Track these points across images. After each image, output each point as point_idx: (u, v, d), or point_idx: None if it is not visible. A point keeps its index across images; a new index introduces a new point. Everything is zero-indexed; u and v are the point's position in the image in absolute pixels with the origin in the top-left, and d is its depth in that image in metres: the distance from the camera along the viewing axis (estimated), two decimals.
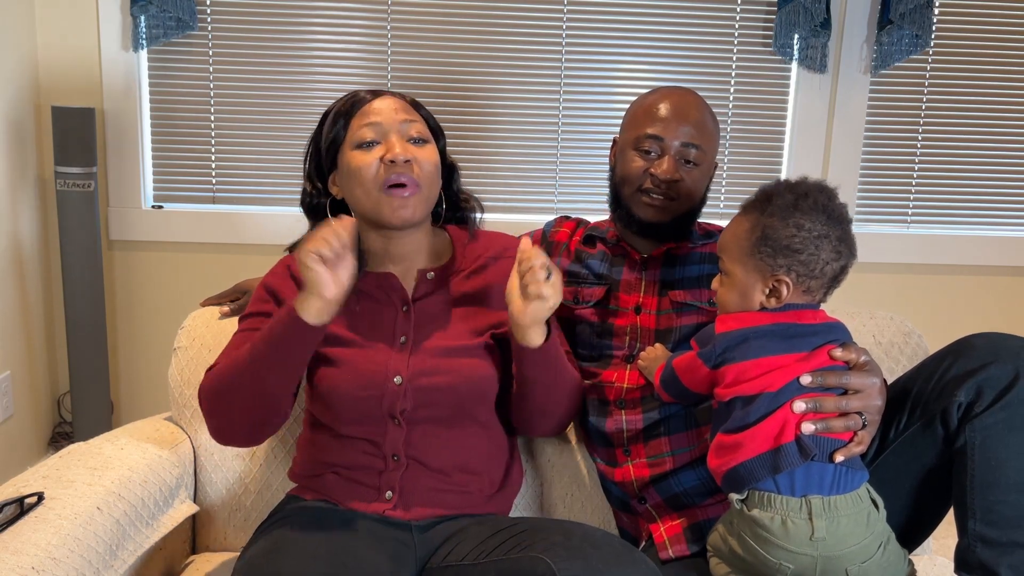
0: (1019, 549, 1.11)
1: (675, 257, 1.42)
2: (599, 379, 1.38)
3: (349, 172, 1.26)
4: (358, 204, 1.27)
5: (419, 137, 1.27)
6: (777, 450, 1.10)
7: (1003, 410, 1.12)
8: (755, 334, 1.15)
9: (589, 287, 1.44)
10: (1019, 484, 1.11)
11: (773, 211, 1.15)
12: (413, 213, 1.25)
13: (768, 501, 1.10)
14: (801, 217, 1.13)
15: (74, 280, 2.34)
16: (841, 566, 1.09)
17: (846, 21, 2.56)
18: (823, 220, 1.13)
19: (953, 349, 1.19)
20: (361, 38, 2.50)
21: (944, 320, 2.72)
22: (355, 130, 1.26)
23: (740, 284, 1.18)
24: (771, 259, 1.14)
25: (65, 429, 2.56)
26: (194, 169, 2.55)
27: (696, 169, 1.38)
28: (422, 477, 1.25)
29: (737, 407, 1.14)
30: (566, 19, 2.53)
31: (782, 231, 1.13)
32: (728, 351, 1.15)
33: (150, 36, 2.40)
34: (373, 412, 1.24)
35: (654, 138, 1.37)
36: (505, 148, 2.56)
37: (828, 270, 1.15)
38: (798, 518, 1.09)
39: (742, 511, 1.12)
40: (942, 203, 2.71)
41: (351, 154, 1.26)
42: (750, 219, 1.17)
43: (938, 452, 1.19)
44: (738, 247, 1.18)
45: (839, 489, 1.10)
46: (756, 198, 1.19)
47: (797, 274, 1.14)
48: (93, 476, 1.26)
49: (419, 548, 1.22)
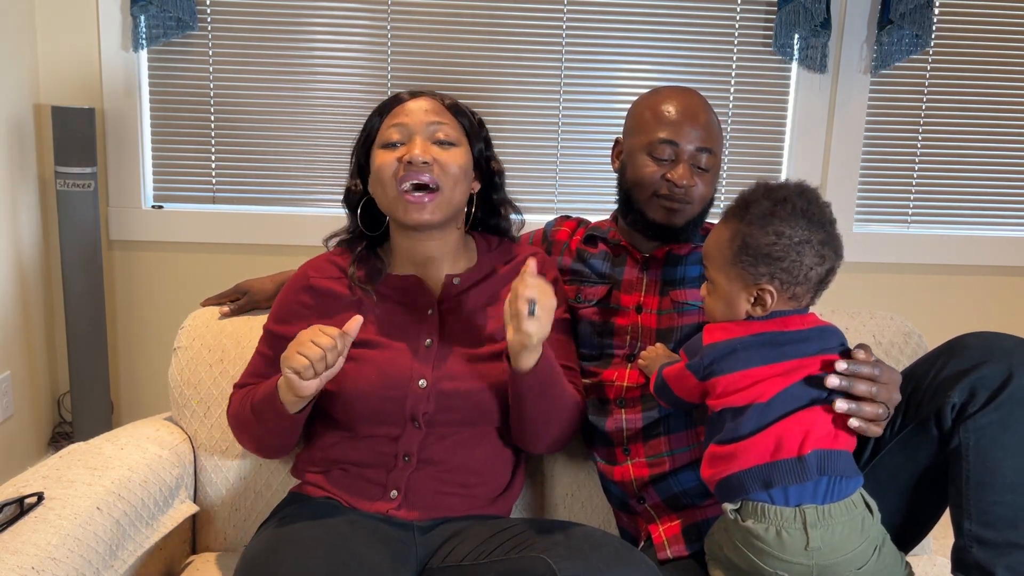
0: (1015, 549, 1.10)
1: (677, 257, 1.42)
2: (599, 378, 1.39)
3: (373, 170, 1.28)
4: (381, 203, 1.29)
5: (446, 140, 1.27)
6: (772, 464, 1.08)
7: (997, 410, 1.11)
8: (742, 345, 1.13)
9: (591, 286, 1.44)
10: (1014, 484, 1.11)
11: (751, 219, 1.12)
12: (432, 216, 1.24)
13: (762, 512, 1.08)
14: (780, 224, 1.10)
15: (74, 280, 2.34)
16: (838, 573, 1.08)
17: (846, 21, 2.56)
18: (803, 225, 1.10)
19: (946, 349, 1.19)
20: (361, 38, 2.50)
21: (944, 320, 2.72)
22: (384, 129, 1.28)
23: (724, 293, 1.16)
24: (753, 268, 1.12)
25: (65, 429, 2.56)
26: (194, 169, 2.55)
27: (708, 174, 1.38)
28: (429, 478, 1.25)
29: (728, 418, 1.12)
30: (566, 19, 2.53)
31: (761, 239, 1.11)
32: (715, 363, 1.13)
33: (150, 36, 2.40)
34: (395, 414, 1.24)
35: (668, 143, 1.36)
36: (505, 148, 2.56)
37: (813, 275, 1.12)
38: (792, 528, 1.07)
39: (736, 521, 1.10)
40: (942, 203, 2.71)
41: (376, 152, 1.28)
42: (730, 227, 1.15)
43: (933, 453, 1.19)
44: (720, 256, 1.15)
45: (833, 497, 1.08)
46: (735, 205, 1.17)
47: (781, 281, 1.12)
48: (93, 476, 1.26)
49: (420, 548, 1.22)
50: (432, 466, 1.25)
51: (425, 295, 1.30)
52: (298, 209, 2.57)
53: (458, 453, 1.26)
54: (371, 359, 1.25)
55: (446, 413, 1.25)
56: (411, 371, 1.24)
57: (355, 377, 1.24)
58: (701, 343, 1.16)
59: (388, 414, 1.24)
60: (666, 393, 1.23)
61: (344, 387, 1.24)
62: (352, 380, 1.24)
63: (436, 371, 1.25)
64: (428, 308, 1.30)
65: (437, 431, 1.25)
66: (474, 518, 1.26)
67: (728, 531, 1.13)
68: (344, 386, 1.24)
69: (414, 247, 1.31)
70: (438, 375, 1.25)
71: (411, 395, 1.23)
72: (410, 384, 1.24)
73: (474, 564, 1.13)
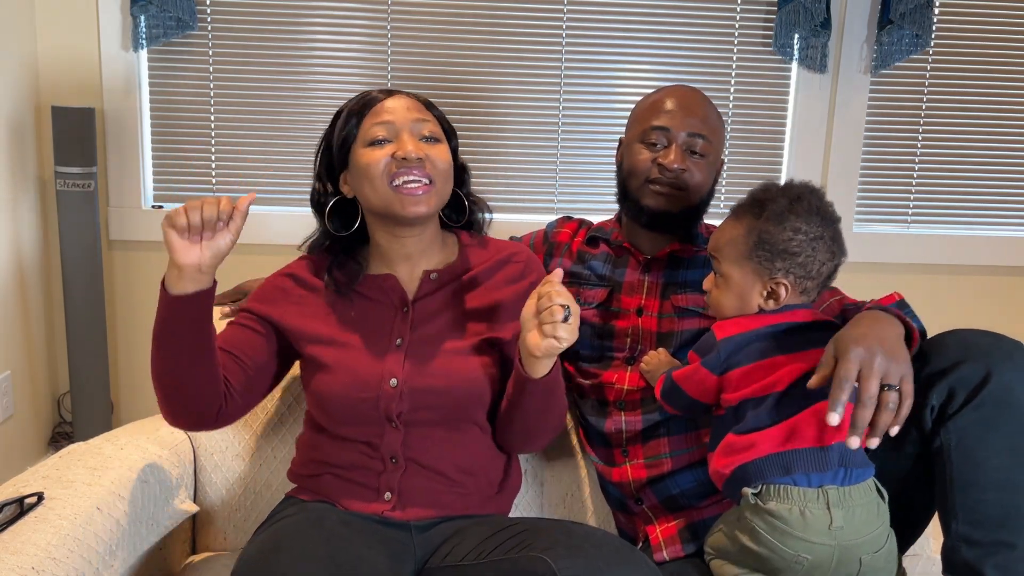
0: (1003, 548, 1.10)
1: (679, 260, 1.42)
2: (599, 380, 1.38)
3: (360, 169, 1.26)
4: (368, 201, 1.27)
5: (432, 136, 1.27)
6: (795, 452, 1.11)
7: (976, 410, 1.11)
8: (758, 336, 1.16)
9: (591, 288, 1.44)
10: (999, 482, 1.11)
11: (769, 215, 1.16)
12: (427, 208, 1.24)
13: (785, 493, 1.10)
14: (797, 220, 1.15)
15: (74, 280, 2.34)
16: (856, 555, 1.10)
17: (846, 21, 2.56)
18: (817, 222, 1.15)
19: (924, 349, 1.18)
20: (361, 38, 2.50)
21: (944, 320, 2.70)
22: (367, 128, 1.27)
23: (737, 287, 1.19)
24: (769, 263, 1.15)
25: (65, 429, 2.56)
26: (194, 169, 2.55)
27: (703, 160, 1.37)
28: (420, 478, 1.25)
29: (749, 408, 1.15)
30: (566, 19, 2.53)
31: (779, 235, 1.15)
32: (732, 355, 1.16)
33: (150, 36, 2.40)
34: (369, 415, 1.24)
35: (661, 129, 1.36)
36: (505, 148, 2.56)
37: (824, 270, 1.17)
38: (816, 508, 1.09)
39: (756, 505, 1.11)
40: (942, 203, 2.71)
41: (362, 152, 1.26)
42: (744, 223, 1.18)
43: (917, 454, 1.19)
44: (734, 250, 1.18)
45: (851, 480, 1.11)
46: (749, 203, 1.20)
47: (795, 276, 1.16)
48: (93, 476, 1.26)
49: (418, 548, 1.22)
50: (420, 466, 1.25)
51: (399, 293, 1.30)
52: (298, 209, 2.57)
53: (445, 453, 1.26)
54: (342, 361, 1.25)
55: (422, 412, 1.24)
56: (381, 371, 1.24)
57: (329, 380, 1.24)
58: (713, 341, 1.19)
59: (363, 415, 1.24)
60: (676, 397, 1.24)
61: (320, 389, 1.25)
62: (326, 383, 1.25)
63: (407, 370, 1.24)
64: (403, 306, 1.30)
65: (417, 431, 1.25)
66: (472, 517, 1.26)
67: (744, 519, 1.13)
68: (320, 388, 1.25)
69: (395, 244, 1.30)
70: (409, 373, 1.24)
71: (383, 395, 1.23)
72: (381, 384, 1.23)
73: (473, 564, 1.13)
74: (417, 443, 1.25)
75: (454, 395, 1.25)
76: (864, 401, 1.03)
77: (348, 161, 1.29)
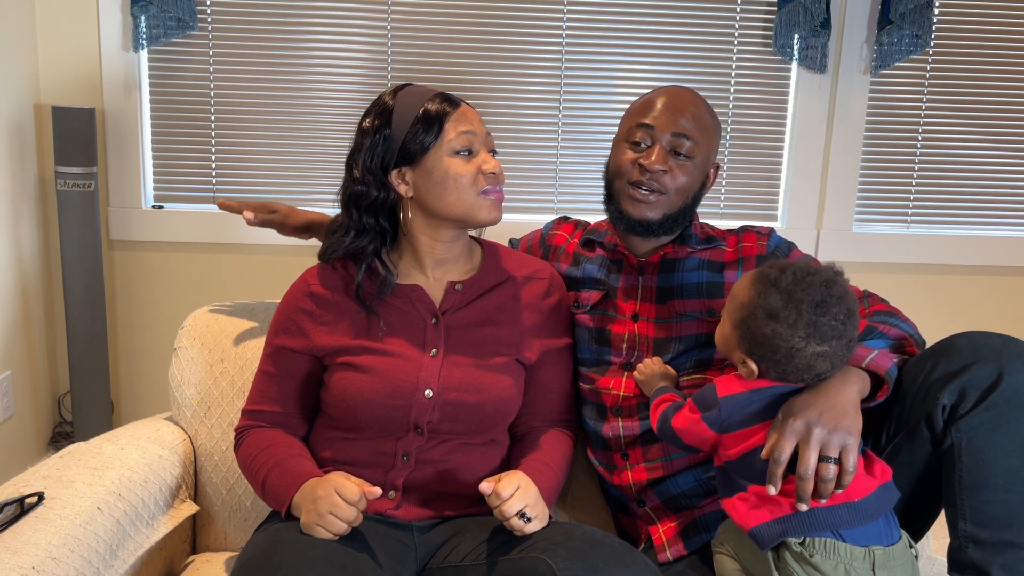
0: (1010, 548, 1.11)
1: (672, 262, 1.38)
2: (596, 385, 1.37)
3: (444, 176, 1.25)
4: (446, 206, 1.26)
5: (495, 149, 1.32)
6: (834, 508, 1.09)
7: (988, 410, 1.11)
8: (759, 396, 1.15)
9: (587, 291, 1.42)
10: (1007, 483, 1.11)
11: (759, 304, 1.12)
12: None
13: (832, 549, 1.08)
14: (779, 325, 1.10)
15: (74, 280, 2.34)
16: None
17: (846, 21, 2.56)
18: (801, 335, 1.09)
19: (935, 350, 1.18)
20: (361, 38, 2.50)
21: (944, 320, 2.72)
22: (452, 135, 1.26)
23: (724, 340, 1.19)
24: (748, 342, 1.14)
25: (65, 429, 2.56)
26: (194, 169, 2.55)
27: (688, 162, 1.32)
28: (428, 478, 1.26)
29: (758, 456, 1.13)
30: (566, 19, 2.53)
31: (761, 327, 1.11)
32: (733, 415, 1.15)
33: (150, 36, 2.40)
34: (399, 421, 1.24)
35: (645, 127, 1.33)
36: (505, 148, 2.56)
37: (802, 367, 1.12)
38: (862, 568, 1.07)
39: (802, 555, 1.08)
40: (942, 203, 2.71)
41: (448, 160, 1.25)
42: (753, 290, 1.13)
43: (927, 454, 1.19)
44: (732, 307, 1.17)
45: (893, 538, 1.10)
46: (767, 274, 1.14)
47: (767, 365, 1.13)
48: (93, 476, 1.26)
49: (419, 548, 1.22)
50: (430, 466, 1.25)
51: (427, 304, 1.30)
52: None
53: (457, 454, 1.27)
54: (377, 367, 1.25)
55: (450, 423, 1.25)
56: (417, 381, 1.24)
57: (361, 385, 1.24)
58: (714, 395, 1.16)
59: (392, 422, 1.24)
60: (674, 440, 1.23)
61: (350, 394, 1.24)
62: (358, 387, 1.24)
63: (442, 381, 1.25)
64: (432, 316, 1.30)
65: (438, 437, 1.26)
66: (473, 518, 1.26)
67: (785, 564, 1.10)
68: (350, 393, 1.24)
69: (437, 248, 1.31)
70: (444, 386, 1.25)
71: (416, 405, 1.23)
72: (415, 394, 1.24)
73: (474, 564, 1.14)
74: (434, 447, 1.26)
75: (486, 411, 1.26)
76: (801, 475, 1.07)
77: (418, 162, 1.27)
